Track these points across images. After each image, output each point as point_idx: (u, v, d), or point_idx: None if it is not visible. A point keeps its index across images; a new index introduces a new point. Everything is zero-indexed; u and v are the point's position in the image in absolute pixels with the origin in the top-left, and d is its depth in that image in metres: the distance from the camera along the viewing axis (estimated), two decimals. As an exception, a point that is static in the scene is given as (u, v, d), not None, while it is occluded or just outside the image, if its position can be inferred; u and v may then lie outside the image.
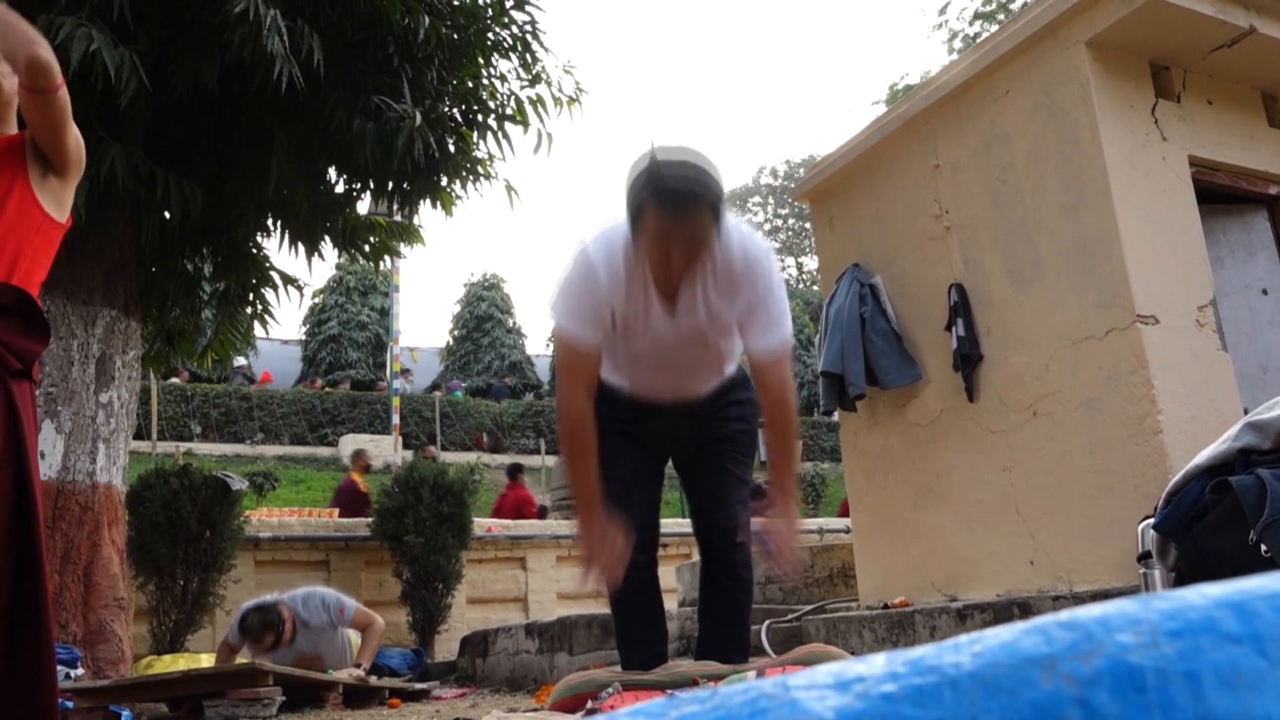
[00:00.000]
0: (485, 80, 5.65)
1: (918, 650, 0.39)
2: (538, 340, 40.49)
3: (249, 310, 6.14)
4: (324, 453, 17.79)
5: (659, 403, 2.52)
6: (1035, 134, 3.94)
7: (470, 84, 5.57)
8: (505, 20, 5.54)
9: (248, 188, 5.19)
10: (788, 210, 41.38)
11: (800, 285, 38.94)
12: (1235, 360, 3.77)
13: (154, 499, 5.72)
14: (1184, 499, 2.39)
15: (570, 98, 5.73)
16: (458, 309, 25.62)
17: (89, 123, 4.33)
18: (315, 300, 22.80)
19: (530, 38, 5.60)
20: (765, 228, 42.96)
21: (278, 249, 5.64)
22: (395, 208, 5.90)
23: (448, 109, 5.53)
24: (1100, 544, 3.55)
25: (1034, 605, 3.33)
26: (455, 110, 5.63)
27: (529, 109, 5.65)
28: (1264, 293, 4.14)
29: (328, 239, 5.82)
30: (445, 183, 5.55)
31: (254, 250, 5.88)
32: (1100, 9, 3.72)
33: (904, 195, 4.58)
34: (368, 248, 6.07)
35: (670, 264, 2.15)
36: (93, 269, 4.81)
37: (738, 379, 2.62)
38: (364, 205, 5.98)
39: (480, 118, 5.60)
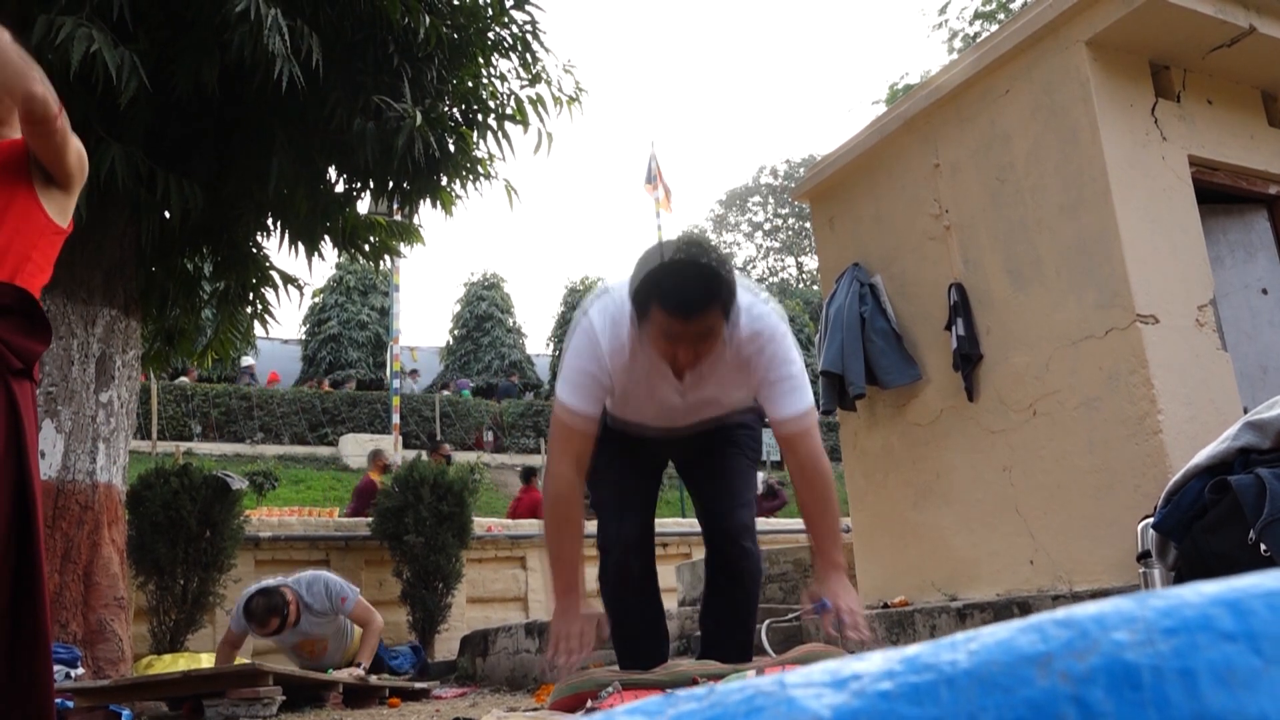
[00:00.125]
0: (485, 80, 5.65)
1: (914, 648, 0.39)
2: (538, 340, 40.52)
3: (249, 310, 6.14)
4: (324, 452, 17.79)
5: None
6: (1035, 134, 3.94)
7: (470, 84, 5.57)
8: (505, 20, 5.54)
9: (248, 187, 5.19)
10: (788, 210, 41.40)
11: (800, 285, 38.94)
12: (1235, 360, 3.77)
13: (154, 498, 5.72)
14: (1183, 498, 2.39)
15: (570, 97, 5.73)
16: (458, 308, 25.63)
17: (89, 123, 4.33)
18: (315, 300, 22.79)
19: (530, 37, 5.60)
20: (765, 227, 42.99)
21: (278, 249, 5.66)
22: (395, 207, 5.90)
23: (448, 108, 5.53)
24: (1100, 543, 3.55)
25: (1034, 605, 3.33)
26: (455, 110, 5.63)
27: (529, 109, 5.65)
28: (1264, 292, 4.14)
29: (328, 238, 5.82)
30: (445, 182, 5.55)
31: (254, 250, 5.88)
32: (1100, 9, 3.72)
33: (904, 195, 4.58)
34: (368, 247, 6.07)
35: (677, 360, 2.10)
36: (93, 269, 4.81)
37: None
38: (364, 205, 5.98)
39: (480, 117, 5.60)
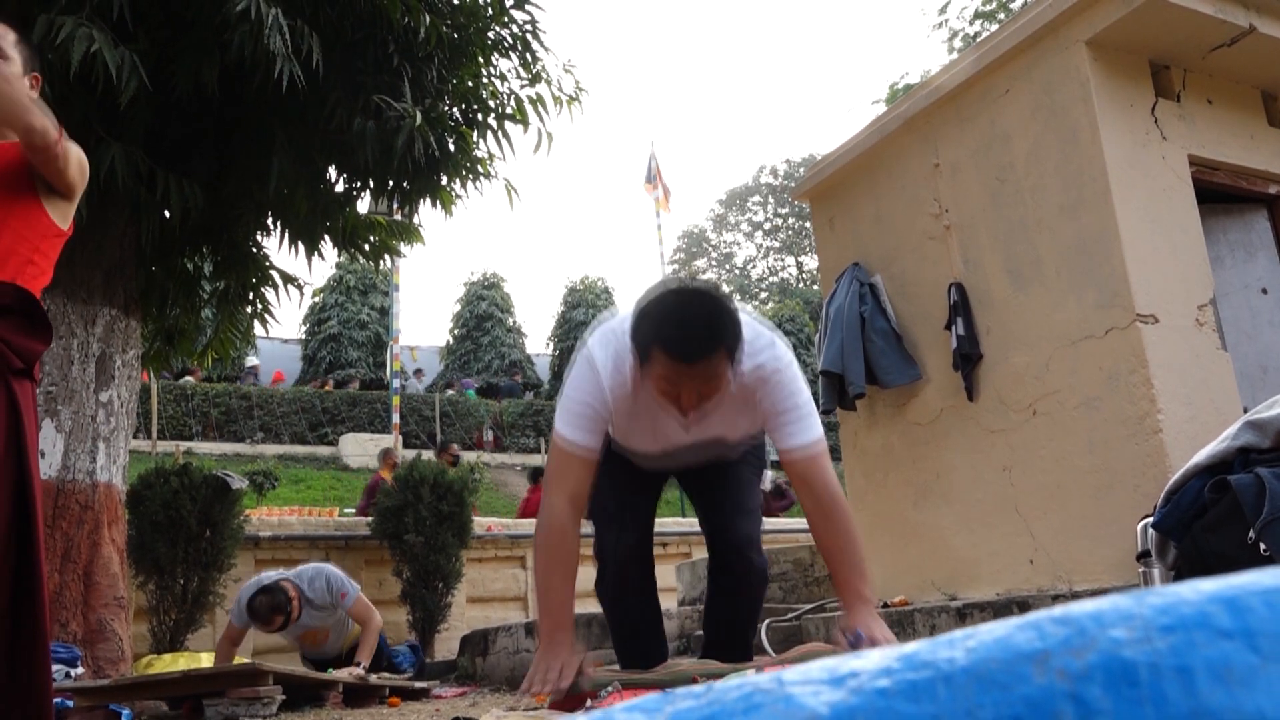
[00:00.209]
0: (485, 79, 5.65)
1: (912, 645, 0.39)
2: (538, 339, 40.54)
3: (249, 309, 6.14)
4: (324, 452, 17.78)
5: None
6: (1035, 133, 3.94)
7: (470, 83, 5.57)
8: (505, 19, 5.54)
9: (248, 187, 5.19)
10: (787, 209, 41.40)
11: (800, 284, 38.95)
12: (1235, 360, 3.77)
13: (154, 498, 5.72)
14: (1183, 498, 2.39)
15: (570, 97, 5.73)
16: (458, 308, 25.63)
17: (89, 123, 4.34)
18: (315, 299, 22.78)
19: (530, 37, 5.60)
20: (765, 227, 42.99)
21: (278, 248, 5.65)
22: (395, 207, 5.90)
23: (448, 108, 5.53)
24: (1100, 543, 3.55)
25: (1034, 604, 3.33)
26: (455, 109, 5.62)
27: (529, 108, 5.65)
28: (1264, 292, 4.14)
29: (328, 238, 5.82)
30: (445, 182, 5.55)
31: (254, 249, 5.88)
32: (1100, 8, 3.72)
33: (904, 195, 4.58)
34: (368, 247, 6.07)
35: (681, 404, 2.02)
36: (93, 268, 4.81)
37: None
38: (364, 204, 5.98)
39: (480, 117, 5.60)
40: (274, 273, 6.02)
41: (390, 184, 5.45)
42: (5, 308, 2.09)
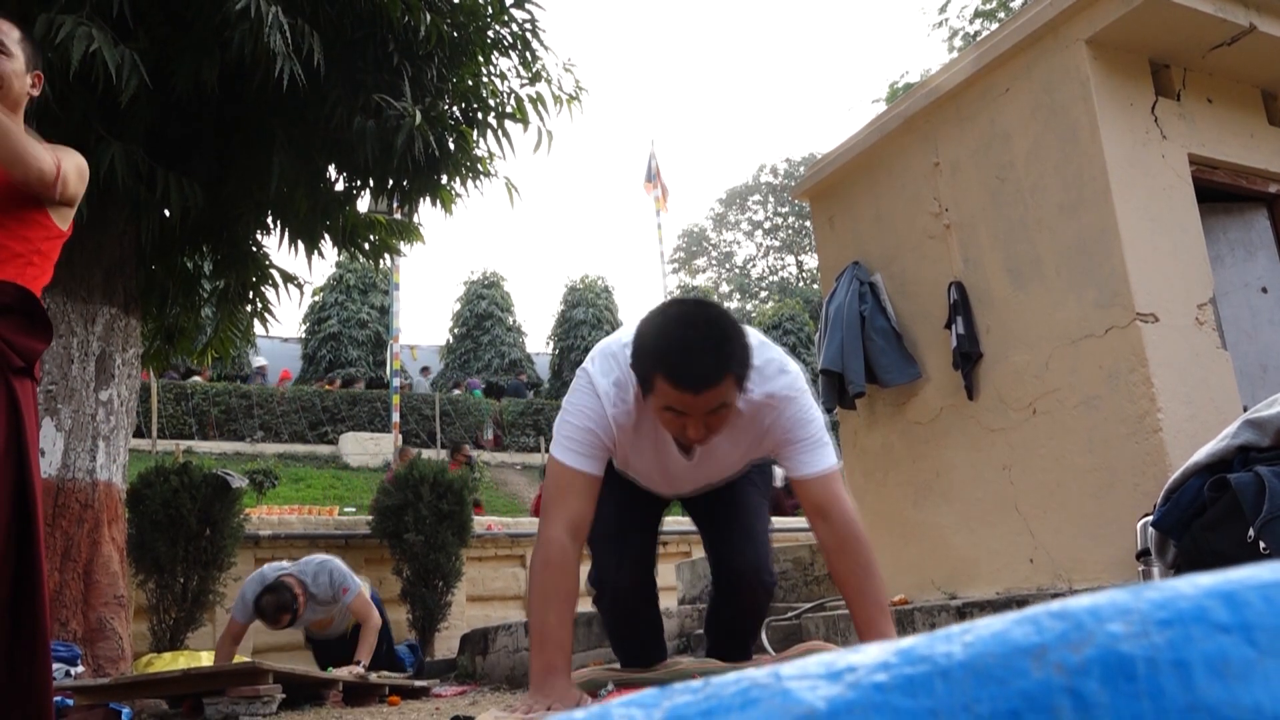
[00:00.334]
0: (485, 78, 5.65)
1: (909, 640, 0.39)
2: (538, 338, 40.54)
3: (249, 308, 6.14)
4: (324, 450, 17.79)
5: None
6: (1035, 132, 3.94)
7: (470, 82, 5.56)
8: (505, 18, 5.54)
9: (248, 186, 5.19)
10: (787, 208, 41.39)
11: (800, 283, 38.94)
12: (1235, 358, 3.77)
13: (154, 497, 5.72)
14: (1183, 496, 2.39)
15: (570, 96, 5.73)
16: (457, 307, 25.63)
17: (89, 122, 4.33)
18: (315, 298, 22.79)
19: (530, 36, 5.60)
20: (765, 226, 42.97)
21: (278, 247, 5.63)
22: (395, 206, 5.90)
23: (448, 107, 5.53)
24: (1100, 542, 3.55)
25: (1033, 603, 3.32)
26: (455, 108, 5.62)
27: (529, 107, 5.64)
28: (1264, 291, 4.14)
29: (328, 237, 5.82)
30: (445, 181, 5.55)
31: (254, 248, 5.88)
32: (1100, 7, 3.72)
33: (904, 194, 4.58)
34: (368, 246, 6.07)
35: (687, 437, 1.89)
36: (92, 267, 4.81)
37: None
38: (364, 203, 5.98)
39: (480, 116, 5.60)
40: (274, 271, 6.02)
41: (390, 183, 5.45)
42: (5, 307, 2.09)
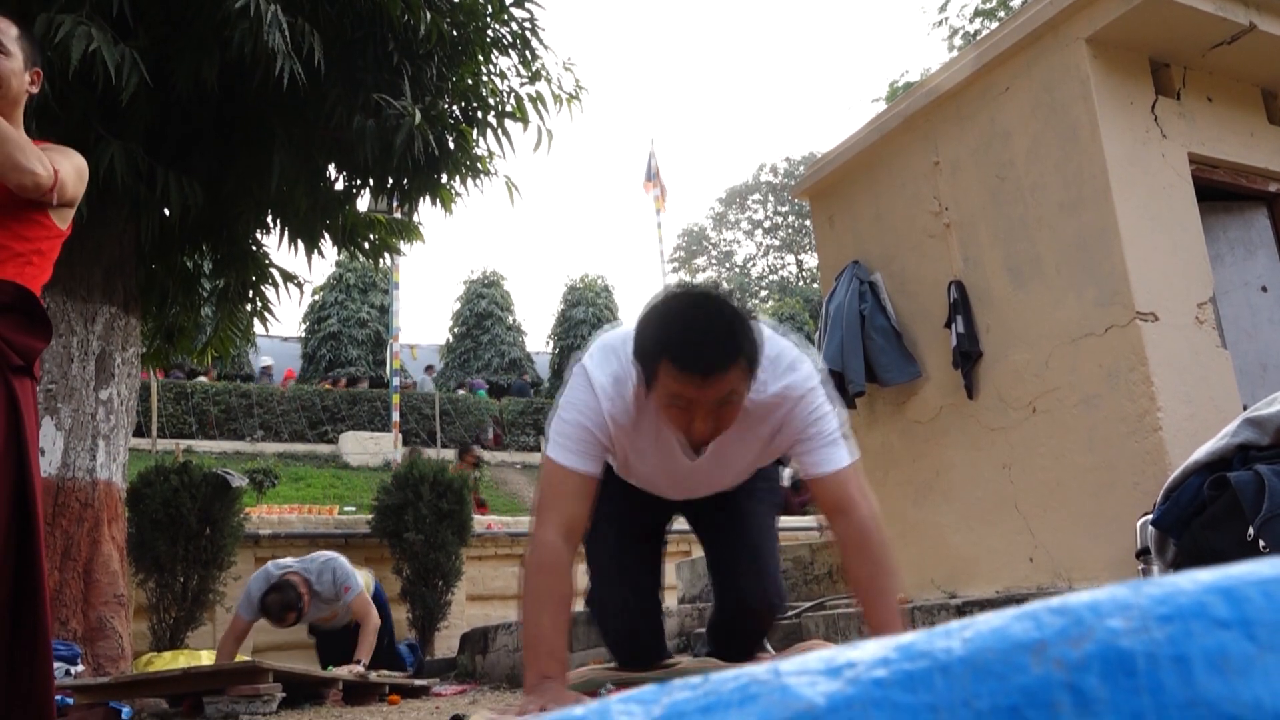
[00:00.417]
0: (485, 77, 5.65)
1: (909, 636, 0.39)
2: (538, 338, 40.55)
3: (249, 307, 6.14)
4: (324, 450, 17.79)
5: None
6: (1035, 131, 3.94)
7: (470, 81, 5.56)
8: (505, 17, 5.54)
9: (247, 185, 5.19)
10: (787, 207, 41.39)
11: (800, 283, 38.94)
12: (1235, 357, 3.77)
13: (154, 496, 5.72)
14: (1182, 495, 2.39)
15: (570, 95, 5.73)
16: (457, 306, 25.63)
17: (89, 121, 4.33)
18: (315, 297, 22.79)
19: (530, 34, 5.60)
20: (765, 225, 42.97)
21: (277, 246, 5.62)
22: (395, 205, 5.90)
23: (447, 106, 5.53)
24: (1099, 541, 3.55)
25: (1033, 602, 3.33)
26: (455, 107, 5.62)
27: (529, 106, 5.64)
28: (1263, 290, 4.14)
29: (327, 236, 5.82)
30: (445, 180, 5.55)
31: (254, 247, 5.88)
32: (1100, 6, 3.72)
33: (904, 192, 4.58)
34: (367, 245, 6.07)
35: (693, 432, 1.76)
36: (92, 266, 4.81)
37: None
38: (364, 202, 5.98)
39: (480, 115, 5.60)
40: (274, 270, 6.02)
41: (390, 182, 5.45)
42: (5, 305, 2.09)
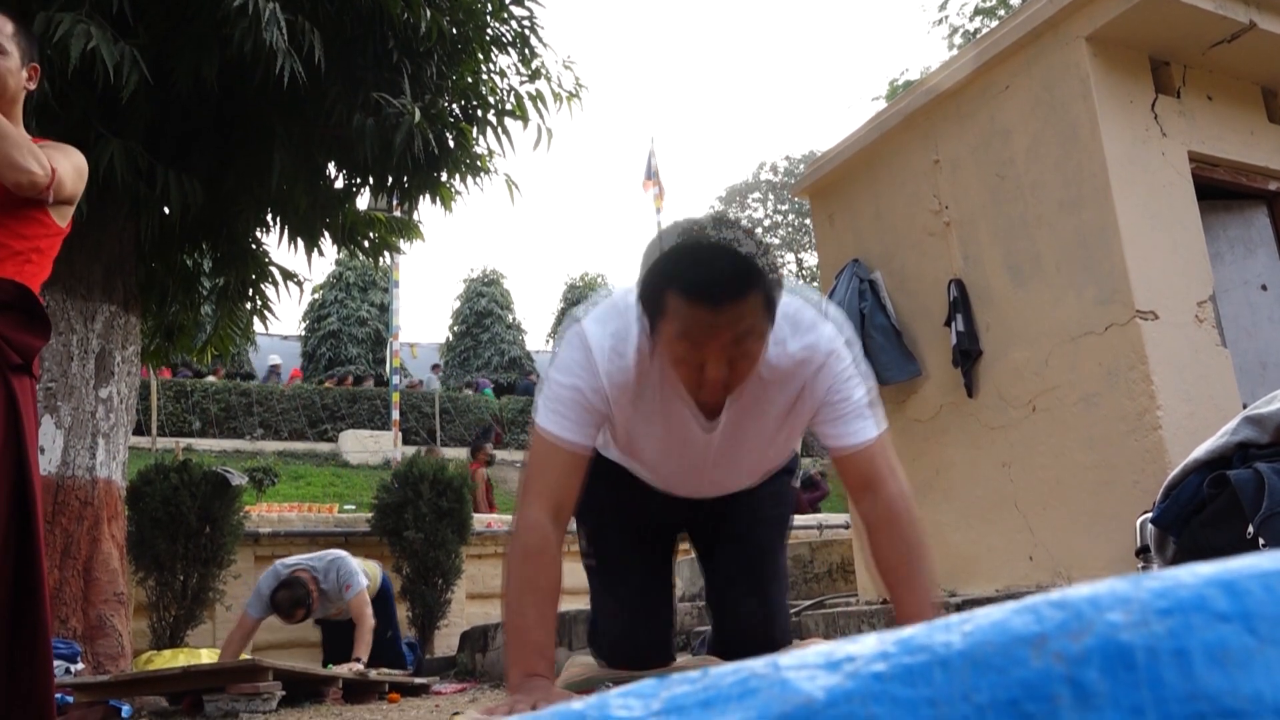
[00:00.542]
0: (485, 76, 5.65)
1: (908, 630, 0.39)
2: (538, 336, 40.53)
3: (248, 306, 6.14)
4: (324, 448, 17.78)
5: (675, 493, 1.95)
6: (1035, 130, 3.94)
7: (470, 79, 5.56)
8: (505, 15, 5.54)
9: (247, 183, 5.19)
10: (787, 206, 41.37)
11: (800, 281, 38.91)
12: (1235, 356, 3.77)
13: (154, 494, 5.72)
14: (1182, 493, 2.39)
15: (570, 93, 5.73)
16: (457, 305, 25.62)
17: (88, 119, 4.33)
18: (315, 296, 22.79)
19: (529, 33, 5.60)
20: (765, 224, 42.96)
21: (277, 244, 5.64)
22: (395, 203, 5.90)
23: (447, 104, 5.53)
24: (1099, 539, 3.55)
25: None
26: (455, 106, 5.62)
27: (529, 104, 5.64)
28: (1263, 288, 4.14)
29: (327, 234, 5.82)
30: (445, 178, 5.55)
31: (254, 246, 5.88)
32: (1100, 4, 3.71)
33: (904, 191, 4.58)
34: (367, 243, 6.07)
35: (705, 380, 1.49)
36: (92, 264, 4.80)
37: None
38: (364, 201, 5.98)
39: (480, 113, 5.60)
40: (273, 269, 6.03)
41: (390, 180, 5.45)
42: (4, 303, 2.09)
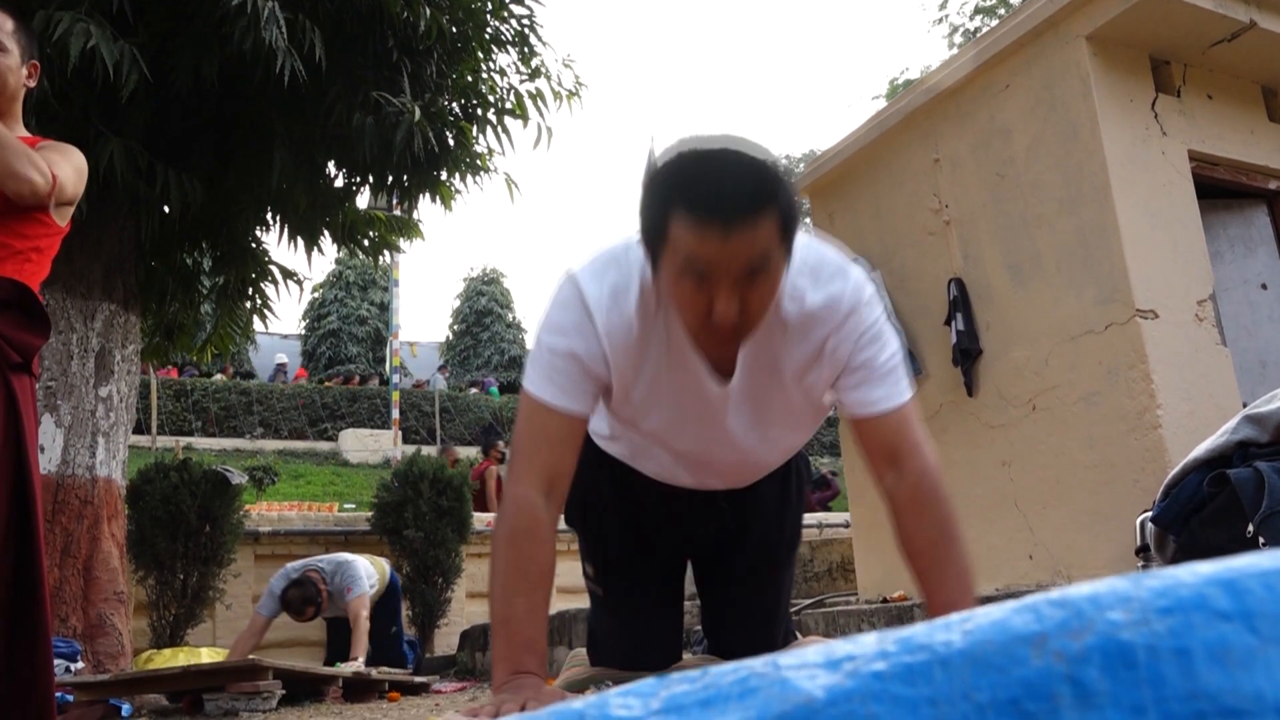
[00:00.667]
0: (485, 74, 5.65)
1: (909, 629, 0.39)
2: (538, 336, 40.45)
3: (248, 304, 6.14)
4: (324, 447, 17.78)
5: (680, 489, 1.70)
6: (1035, 129, 3.94)
7: (470, 78, 5.56)
8: (504, 14, 5.54)
9: (247, 182, 5.19)
10: (788, 206, 41.30)
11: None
12: (1234, 355, 3.77)
13: (154, 493, 5.72)
14: (1182, 492, 2.39)
15: (570, 92, 5.73)
16: (457, 304, 25.62)
17: (88, 118, 4.33)
18: (315, 295, 22.80)
19: (529, 31, 5.60)
20: (765, 223, 42.88)
21: (277, 243, 5.65)
22: (395, 202, 5.90)
23: (447, 103, 5.53)
24: (1099, 538, 3.55)
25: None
26: (455, 104, 5.62)
27: (528, 103, 5.64)
28: (1263, 287, 4.14)
29: (327, 233, 5.82)
30: (445, 177, 5.55)
31: (253, 245, 5.88)
32: (1100, 3, 3.71)
33: (904, 190, 4.58)
34: (367, 242, 6.07)
35: (714, 322, 1.26)
36: (92, 263, 4.80)
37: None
38: (363, 199, 5.98)
39: (480, 112, 5.60)
40: (273, 268, 6.02)
41: (390, 179, 5.45)
42: (3, 302, 2.09)
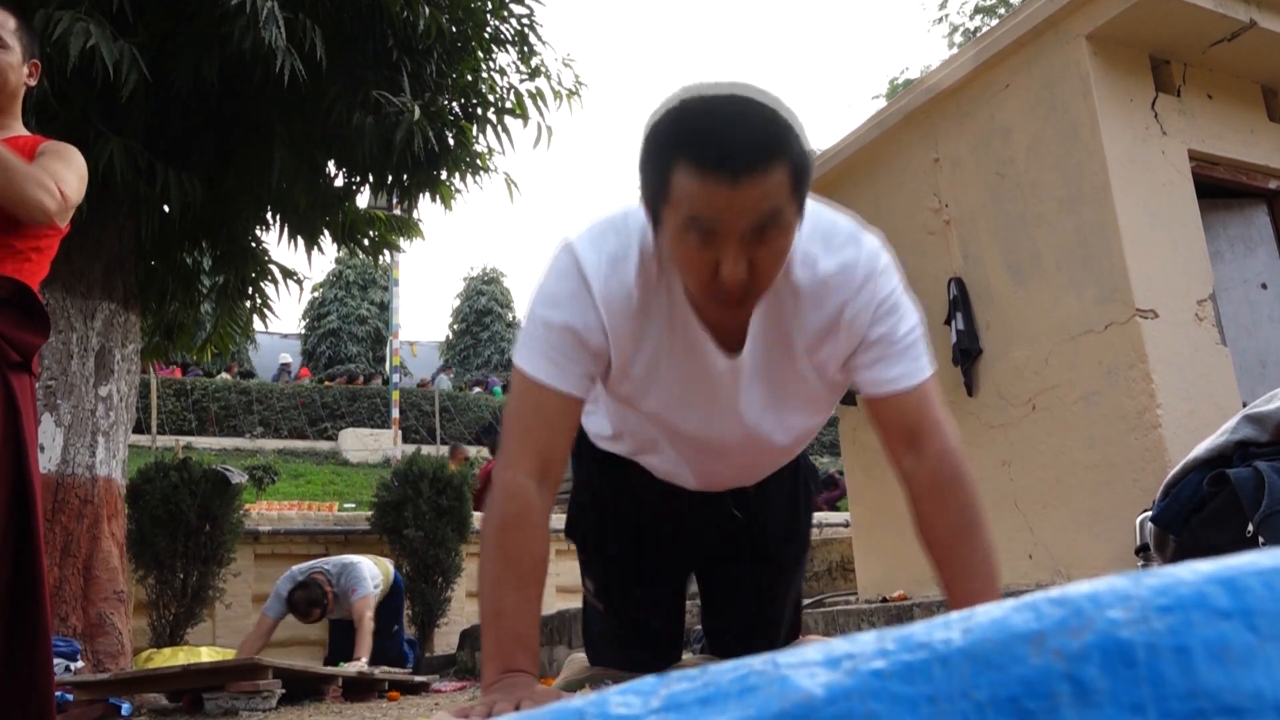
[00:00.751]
0: (484, 74, 5.65)
1: (908, 627, 0.39)
2: (538, 335, 40.44)
3: (248, 304, 6.14)
4: (324, 447, 17.78)
5: (684, 490, 1.58)
6: (1035, 128, 3.94)
7: (469, 78, 5.56)
8: (504, 14, 5.54)
9: (247, 181, 5.19)
10: (788, 205, 41.34)
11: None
12: (1234, 355, 3.77)
13: (154, 492, 5.72)
14: (1182, 491, 2.39)
15: (570, 91, 5.73)
16: (457, 303, 25.63)
17: (88, 117, 4.33)
18: (315, 294, 22.81)
19: (529, 30, 5.60)
20: (765, 223, 42.91)
21: (277, 243, 5.66)
22: (395, 201, 5.90)
23: (447, 103, 5.53)
24: (1099, 538, 3.56)
25: (1032, 599, 3.33)
26: (454, 104, 5.62)
27: (528, 102, 5.64)
28: (1263, 287, 4.14)
29: (327, 233, 5.82)
30: (445, 176, 5.55)
31: (253, 244, 5.88)
32: (1100, 3, 3.71)
33: (904, 189, 4.58)
34: (367, 242, 6.07)
35: (722, 278, 1.14)
36: (92, 262, 4.80)
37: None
38: (363, 199, 5.98)
39: (479, 111, 5.60)
40: (273, 267, 6.03)
41: (390, 178, 5.45)
42: (3, 301, 2.09)
